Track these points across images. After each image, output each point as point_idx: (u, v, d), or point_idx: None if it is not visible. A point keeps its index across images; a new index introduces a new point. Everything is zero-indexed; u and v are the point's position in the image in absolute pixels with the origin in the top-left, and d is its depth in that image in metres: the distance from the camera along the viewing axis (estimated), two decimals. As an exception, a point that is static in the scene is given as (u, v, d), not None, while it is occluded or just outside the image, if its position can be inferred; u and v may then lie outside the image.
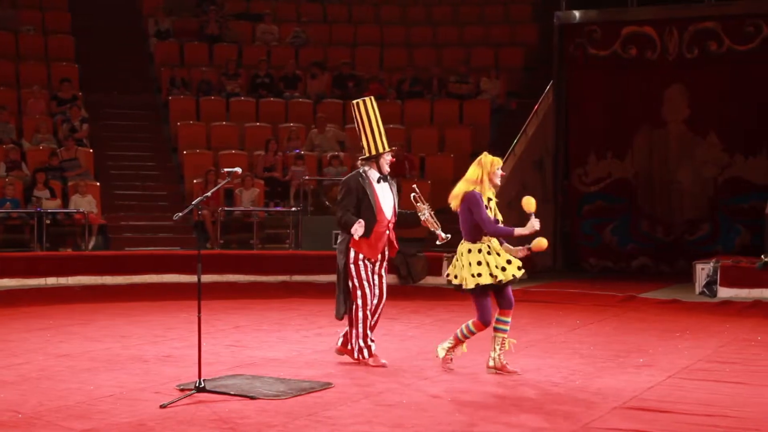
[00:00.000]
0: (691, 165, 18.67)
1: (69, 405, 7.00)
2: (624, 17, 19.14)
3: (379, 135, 8.72)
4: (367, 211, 8.57)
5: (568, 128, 19.59)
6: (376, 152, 8.72)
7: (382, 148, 8.72)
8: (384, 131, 8.80)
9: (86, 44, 21.30)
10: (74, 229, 16.96)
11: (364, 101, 8.83)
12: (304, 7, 23.56)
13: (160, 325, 11.23)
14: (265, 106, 20.70)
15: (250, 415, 6.70)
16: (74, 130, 18.76)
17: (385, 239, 8.71)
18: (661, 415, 6.84)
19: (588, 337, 10.62)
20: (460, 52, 22.31)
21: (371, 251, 8.62)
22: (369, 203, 8.59)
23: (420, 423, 6.56)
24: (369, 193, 8.62)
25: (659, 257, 18.81)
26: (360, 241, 8.53)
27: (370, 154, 8.73)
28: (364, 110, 8.77)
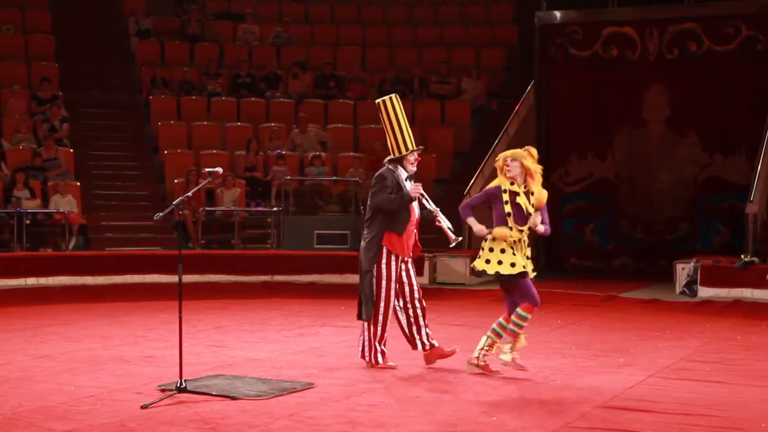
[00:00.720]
0: (671, 165, 18.75)
1: (49, 406, 6.97)
2: (604, 18, 19.21)
3: (402, 135, 8.59)
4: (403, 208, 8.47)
5: (549, 128, 19.62)
6: (400, 153, 8.60)
7: (405, 148, 8.60)
8: (409, 129, 8.66)
9: (66, 44, 21.21)
10: (54, 229, 16.88)
11: (389, 100, 8.68)
12: (286, 7, 23.54)
13: (141, 326, 11.19)
14: (247, 106, 20.67)
15: (231, 415, 6.69)
16: (54, 130, 18.68)
17: (415, 238, 8.65)
18: (642, 415, 6.87)
19: (569, 337, 10.65)
20: (441, 53, 22.34)
21: (404, 249, 8.50)
22: None
23: (402, 423, 6.56)
24: (403, 187, 8.50)
25: (640, 257, 18.88)
26: (393, 240, 8.42)
27: (395, 154, 8.61)
28: (388, 109, 8.64)
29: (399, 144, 8.61)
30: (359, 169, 18.64)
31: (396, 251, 8.47)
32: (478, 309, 13.33)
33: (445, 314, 12.52)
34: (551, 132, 19.59)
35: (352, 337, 10.45)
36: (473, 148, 20.01)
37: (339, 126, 20.60)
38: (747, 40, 18.07)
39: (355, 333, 10.72)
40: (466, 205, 8.52)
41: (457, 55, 22.30)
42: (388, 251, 8.47)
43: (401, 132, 8.58)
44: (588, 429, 6.47)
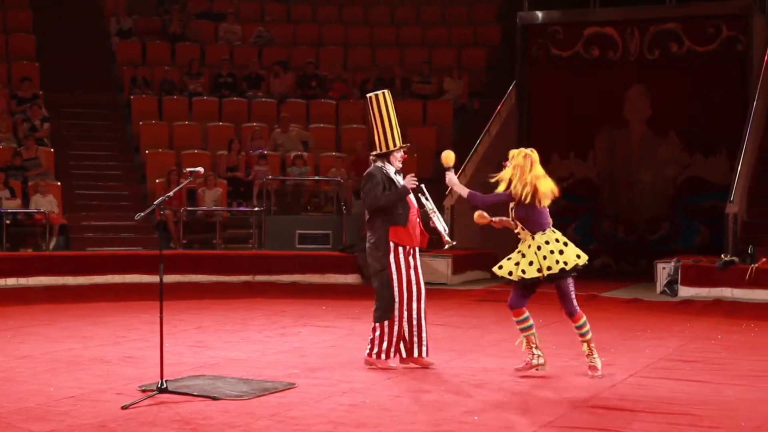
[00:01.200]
0: (652, 165, 18.81)
1: (29, 406, 6.93)
2: (586, 18, 19.26)
3: (390, 131, 8.64)
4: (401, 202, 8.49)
5: (530, 128, 19.65)
6: (387, 149, 8.64)
7: (392, 145, 8.66)
8: (397, 127, 8.70)
9: (47, 43, 21.12)
10: (35, 229, 16.81)
11: (381, 95, 8.71)
12: (268, 7, 23.51)
13: (122, 326, 11.16)
14: (228, 106, 20.62)
15: (212, 415, 6.67)
16: (35, 130, 18.60)
17: (418, 226, 8.64)
18: (623, 414, 6.89)
19: (550, 336, 10.66)
20: (423, 53, 22.35)
21: (411, 239, 8.49)
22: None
23: (383, 423, 6.56)
24: (395, 181, 8.54)
25: (621, 256, 18.94)
26: (399, 232, 8.43)
27: (381, 150, 8.66)
28: (377, 105, 8.67)
29: (387, 140, 8.65)
30: (341, 168, 18.64)
31: (404, 242, 8.45)
32: (459, 309, 13.35)
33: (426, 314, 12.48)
34: (533, 132, 19.61)
35: (334, 337, 10.46)
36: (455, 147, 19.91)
37: (321, 126, 20.59)
38: (728, 40, 18.14)
39: (336, 333, 10.76)
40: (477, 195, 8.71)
41: (439, 55, 22.32)
42: (396, 245, 8.44)
43: (390, 128, 8.64)
44: (569, 428, 6.48)
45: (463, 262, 16.82)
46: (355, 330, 10.94)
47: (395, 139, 8.66)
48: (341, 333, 10.88)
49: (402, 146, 8.72)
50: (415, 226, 8.58)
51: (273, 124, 20.19)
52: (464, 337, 10.67)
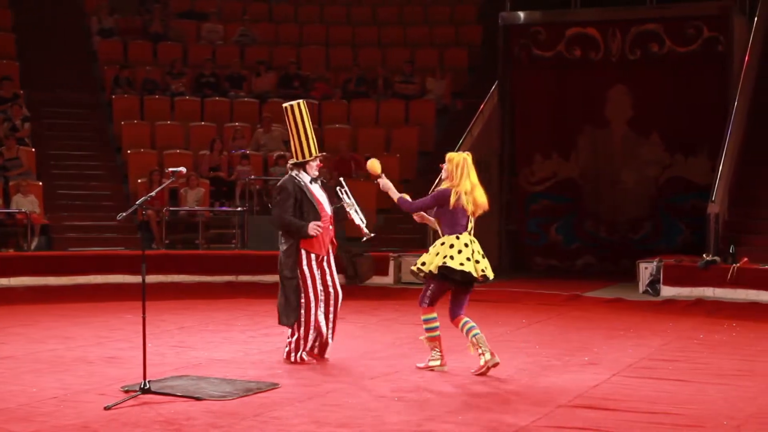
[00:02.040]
0: (634, 165, 18.87)
1: (11, 407, 6.91)
2: (568, 18, 19.30)
3: (306, 141, 8.86)
4: (310, 209, 8.76)
5: (513, 128, 19.69)
6: (303, 158, 8.86)
7: (309, 154, 8.87)
8: (314, 136, 8.92)
9: (28, 42, 21.00)
10: (16, 229, 16.73)
11: (296, 105, 8.94)
12: (250, 7, 23.48)
13: (105, 326, 11.13)
14: (211, 106, 20.58)
15: (196, 416, 6.66)
16: (15, 129, 18.50)
17: (330, 234, 8.88)
18: (606, 413, 6.92)
19: (533, 336, 10.70)
20: (405, 53, 22.36)
21: (321, 247, 8.75)
22: (310, 201, 8.77)
23: (366, 423, 6.56)
24: (307, 192, 8.78)
25: (603, 256, 18.99)
26: (310, 240, 8.66)
27: (297, 159, 8.88)
28: (295, 114, 8.89)
29: (303, 149, 8.87)
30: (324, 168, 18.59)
31: (314, 250, 8.75)
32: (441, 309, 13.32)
33: (409, 314, 12.52)
34: (515, 132, 19.66)
35: (317, 337, 10.44)
36: (438, 147, 20.01)
37: (303, 126, 20.53)
38: (708, 41, 18.20)
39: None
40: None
41: (421, 55, 22.34)
42: (307, 252, 8.73)
43: (306, 137, 8.86)
44: (552, 428, 6.50)
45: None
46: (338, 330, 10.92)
47: (311, 148, 8.89)
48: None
49: (318, 155, 8.94)
50: (326, 233, 8.82)
51: (255, 124, 20.17)
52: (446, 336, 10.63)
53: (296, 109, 8.90)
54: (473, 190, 8.44)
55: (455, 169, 8.47)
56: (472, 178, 8.47)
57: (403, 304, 13.67)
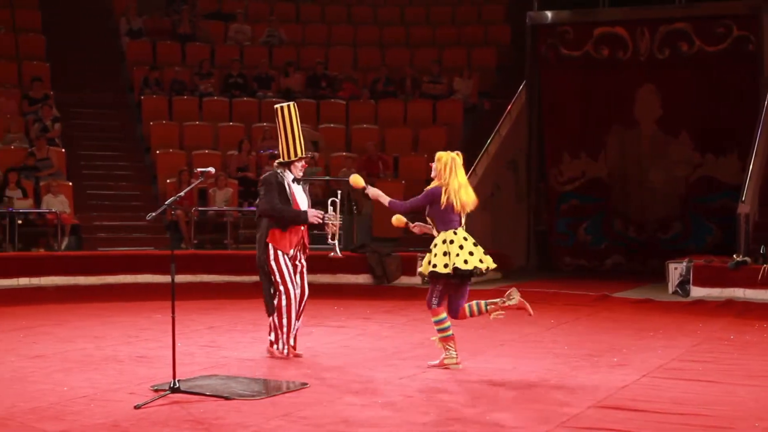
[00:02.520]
0: (663, 164, 18.79)
1: (42, 406, 6.95)
2: (596, 18, 19.24)
3: (293, 142, 9.12)
4: (285, 205, 8.98)
5: (541, 128, 19.66)
6: (289, 158, 9.09)
7: (294, 155, 9.10)
8: (300, 138, 9.16)
9: (57, 43, 21.16)
10: (46, 229, 16.85)
11: (287, 107, 9.20)
12: (278, 7, 23.53)
13: (134, 326, 11.18)
14: (239, 106, 20.65)
15: (224, 415, 6.68)
16: (46, 130, 18.64)
17: (300, 234, 9.06)
18: (635, 414, 6.88)
19: (562, 337, 10.66)
20: (432, 52, 22.34)
21: (285, 245, 8.97)
22: (287, 197, 9.01)
23: (394, 423, 6.56)
24: (287, 189, 9.02)
25: (632, 256, 18.93)
26: (276, 236, 8.92)
27: (284, 158, 9.11)
28: (285, 115, 9.15)
29: (290, 150, 9.11)
30: (351, 168, 18.64)
31: (280, 247, 8.94)
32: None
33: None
34: (544, 132, 19.63)
35: (346, 337, 10.47)
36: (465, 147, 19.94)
37: (331, 126, 20.60)
38: (738, 40, 18.11)
39: (348, 333, 10.77)
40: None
41: (448, 55, 22.31)
42: (275, 249, 8.94)
43: (293, 139, 9.12)
44: (581, 429, 6.47)
45: (473, 262, 16.75)
46: (368, 330, 10.95)
47: (297, 149, 9.11)
48: (353, 333, 10.88)
49: (303, 157, 9.16)
50: (295, 232, 9.02)
51: (283, 124, 20.16)
52: (475, 337, 10.65)
53: (286, 110, 9.16)
54: (460, 188, 8.59)
55: (444, 169, 8.62)
56: (460, 177, 8.63)
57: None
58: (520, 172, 19.67)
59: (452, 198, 8.51)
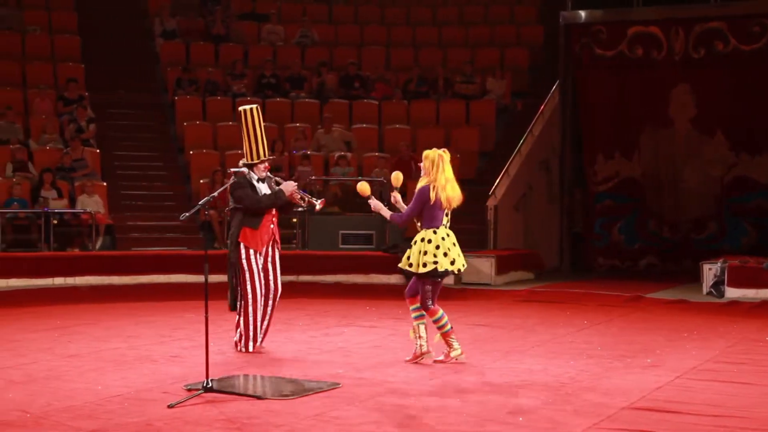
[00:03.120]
0: (697, 164, 18.67)
1: (77, 405, 7.00)
2: (630, 17, 19.14)
3: (256, 144, 9.37)
4: None
5: (574, 128, 19.58)
6: (251, 160, 9.37)
7: (257, 157, 9.36)
8: (264, 140, 9.42)
9: (92, 44, 21.33)
10: (81, 229, 16.96)
11: (250, 110, 9.44)
12: (310, 8, 23.58)
13: (168, 325, 11.24)
14: (272, 107, 20.70)
15: (257, 415, 6.70)
16: (81, 131, 18.78)
17: (270, 232, 9.36)
18: (669, 416, 6.84)
19: (595, 338, 10.62)
20: (465, 53, 22.31)
21: (257, 243, 9.27)
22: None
23: (427, 423, 6.56)
24: (256, 188, 9.31)
25: (666, 256, 18.81)
26: (248, 234, 9.21)
27: (248, 160, 9.40)
28: (248, 118, 9.37)
29: (253, 152, 9.37)
30: (384, 169, 18.65)
31: (251, 246, 9.27)
32: (503, 309, 13.32)
33: (470, 315, 12.51)
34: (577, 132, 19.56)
35: (378, 337, 10.48)
36: (498, 148, 19.98)
37: (364, 126, 20.62)
38: (773, 39, 17.97)
39: (380, 333, 10.78)
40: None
41: (481, 55, 22.27)
42: (246, 247, 9.28)
43: (256, 141, 9.38)
44: (614, 430, 6.44)
45: (506, 263, 16.76)
46: (399, 330, 10.94)
47: (260, 152, 9.36)
48: (385, 333, 10.89)
49: (265, 159, 9.41)
50: (266, 231, 9.37)
51: (316, 125, 20.25)
52: (508, 337, 10.64)
53: (249, 114, 9.39)
54: (447, 184, 8.73)
55: (431, 166, 8.79)
56: (447, 174, 8.77)
57: (463, 304, 13.64)
58: (553, 172, 19.61)
59: (440, 193, 8.69)
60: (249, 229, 9.25)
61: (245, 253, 9.28)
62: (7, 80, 19.85)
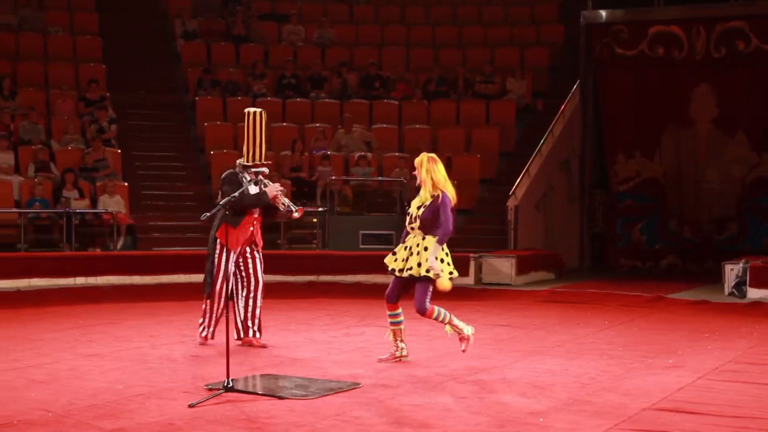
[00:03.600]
0: (719, 164, 18.60)
1: (98, 404, 7.03)
2: (651, 17, 19.09)
3: (254, 148, 9.53)
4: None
5: (595, 128, 19.54)
6: (248, 162, 9.53)
7: (252, 160, 9.51)
8: (262, 146, 9.54)
9: (113, 45, 21.43)
10: (102, 229, 17.06)
11: (257, 113, 9.57)
12: (331, 8, 23.61)
13: (188, 325, 11.26)
14: (292, 107, 20.75)
15: (278, 414, 6.71)
16: (102, 131, 18.87)
17: (248, 234, 9.56)
18: (691, 417, 6.81)
19: (616, 338, 10.58)
20: (485, 52, 22.29)
21: (233, 242, 9.43)
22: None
23: (447, 423, 6.55)
24: (245, 189, 9.33)
25: (687, 257, 18.74)
26: (225, 232, 9.29)
27: (246, 161, 9.55)
28: (254, 121, 9.53)
29: (250, 155, 9.51)
30: (404, 169, 18.66)
31: (225, 244, 9.41)
32: (523, 310, 13.30)
33: (490, 315, 12.51)
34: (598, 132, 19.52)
35: (398, 338, 10.45)
36: (518, 148, 19.95)
37: (384, 126, 20.63)
38: (796, 38, 17.89)
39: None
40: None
41: (501, 55, 22.25)
42: (222, 245, 9.46)
43: (254, 145, 9.53)
44: (635, 431, 6.42)
45: (527, 263, 16.74)
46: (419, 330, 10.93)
47: (256, 155, 9.52)
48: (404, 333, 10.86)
49: (261, 164, 9.57)
50: (243, 232, 9.54)
51: (336, 125, 20.27)
52: (528, 337, 10.62)
53: (252, 116, 9.54)
54: (446, 183, 8.74)
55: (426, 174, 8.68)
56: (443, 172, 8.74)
57: (483, 305, 13.63)
58: (573, 172, 19.56)
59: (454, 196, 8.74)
60: (229, 226, 9.33)
61: (219, 250, 9.47)
62: (29, 81, 19.98)
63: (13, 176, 17.46)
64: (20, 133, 18.37)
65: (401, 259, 8.77)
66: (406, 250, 8.76)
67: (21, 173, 17.67)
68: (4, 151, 17.66)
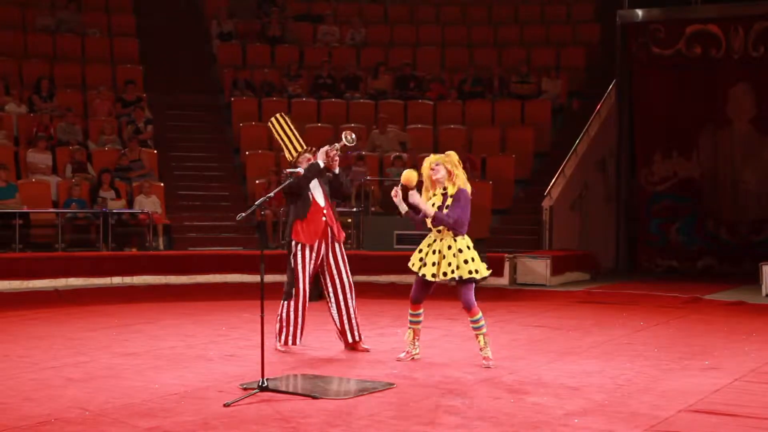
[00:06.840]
0: (757, 164, 18.44)
1: (134, 403, 7.08)
2: (688, 15, 18.95)
3: (291, 143, 9.62)
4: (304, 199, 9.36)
5: (632, 128, 19.43)
6: (293, 158, 9.56)
7: (295, 152, 9.56)
8: (297, 138, 9.65)
9: (150, 46, 21.57)
10: (139, 229, 17.17)
11: (275, 119, 9.74)
12: (366, 8, 23.63)
13: (224, 325, 11.32)
14: (327, 107, 20.78)
15: (312, 414, 6.72)
16: (138, 132, 19.00)
17: (321, 224, 9.36)
18: (728, 419, 6.75)
19: (652, 339, 10.52)
20: (521, 52, 22.22)
21: (308, 236, 9.30)
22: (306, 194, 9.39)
23: (481, 424, 6.54)
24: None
25: (725, 258, 18.60)
26: (297, 228, 9.26)
27: (291, 157, 9.59)
28: (276, 126, 9.70)
29: (291, 150, 9.60)
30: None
31: (301, 240, 9.30)
32: (558, 310, 13.24)
33: (525, 316, 12.46)
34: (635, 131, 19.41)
35: (432, 338, 10.46)
36: (554, 148, 19.87)
37: (419, 126, 20.62)
38: (835, 37, 17.71)
39: (433, 334, 10.75)
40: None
41: (537, 54, 22.17)
42: (296, 243, 9.34)
43: (290, 140, 9.64)
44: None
45: (562, 263, 16.67)
46: (453, 331, 10.94)
47: (297, 147, 9.59)
48: (438, 333, 10.87)
49: (303, 151, 9.56)
50: (315, 223, 9.37)
51: (371, 125, 20.28)
52: (563, 338, 10.57)
53: (275, 121, 9.72)
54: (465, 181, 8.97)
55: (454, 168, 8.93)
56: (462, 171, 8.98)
57: (518, 305, 13.59)
58: (609, 172, 19.46)
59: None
60: (297, 221, 9.28)
61: (295, 249, 9.34)
62: (67, 82, 20.16)
63: (51, 177, 17.63)
64: (58, 134, 18.52)
65: (430, 264, 8.80)
66: (435, 254, 8.75)
67: (58, 174, 17.83)
68: (42, 151, 17.84)
